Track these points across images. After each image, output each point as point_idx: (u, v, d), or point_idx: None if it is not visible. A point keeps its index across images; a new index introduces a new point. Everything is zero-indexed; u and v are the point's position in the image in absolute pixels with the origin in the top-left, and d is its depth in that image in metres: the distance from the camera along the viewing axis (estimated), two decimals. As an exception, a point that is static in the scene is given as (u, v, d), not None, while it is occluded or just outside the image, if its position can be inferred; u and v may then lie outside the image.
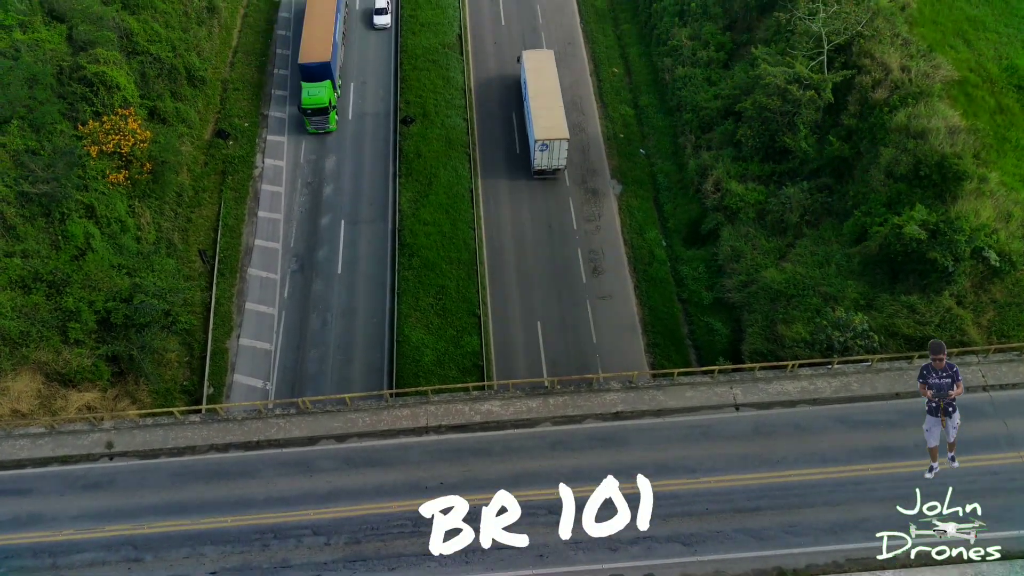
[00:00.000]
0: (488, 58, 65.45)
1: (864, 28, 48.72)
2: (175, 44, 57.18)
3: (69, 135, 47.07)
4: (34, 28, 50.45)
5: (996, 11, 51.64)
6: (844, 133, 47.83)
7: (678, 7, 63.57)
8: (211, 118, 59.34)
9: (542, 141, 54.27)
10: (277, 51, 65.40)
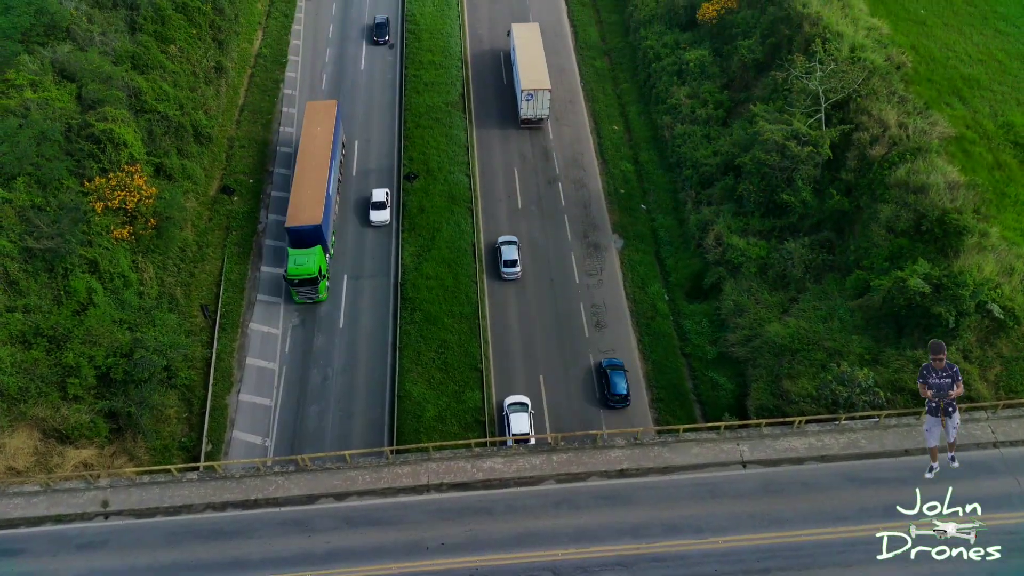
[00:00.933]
0: (491, 116, 66.41)
1: (861, 86, 49.56)
2: (183, 103, 58.14)
3: (75, 191, 47.45)
4: (45, 87, 51.32)
5: (990, 70, 52.58)
6: (843, 188, 48.26)
7: (676, 67, 64.78)
8: (216, 174, 59.97)
9: (528, 91, 61.95)
10: (283, 110, 66.45)
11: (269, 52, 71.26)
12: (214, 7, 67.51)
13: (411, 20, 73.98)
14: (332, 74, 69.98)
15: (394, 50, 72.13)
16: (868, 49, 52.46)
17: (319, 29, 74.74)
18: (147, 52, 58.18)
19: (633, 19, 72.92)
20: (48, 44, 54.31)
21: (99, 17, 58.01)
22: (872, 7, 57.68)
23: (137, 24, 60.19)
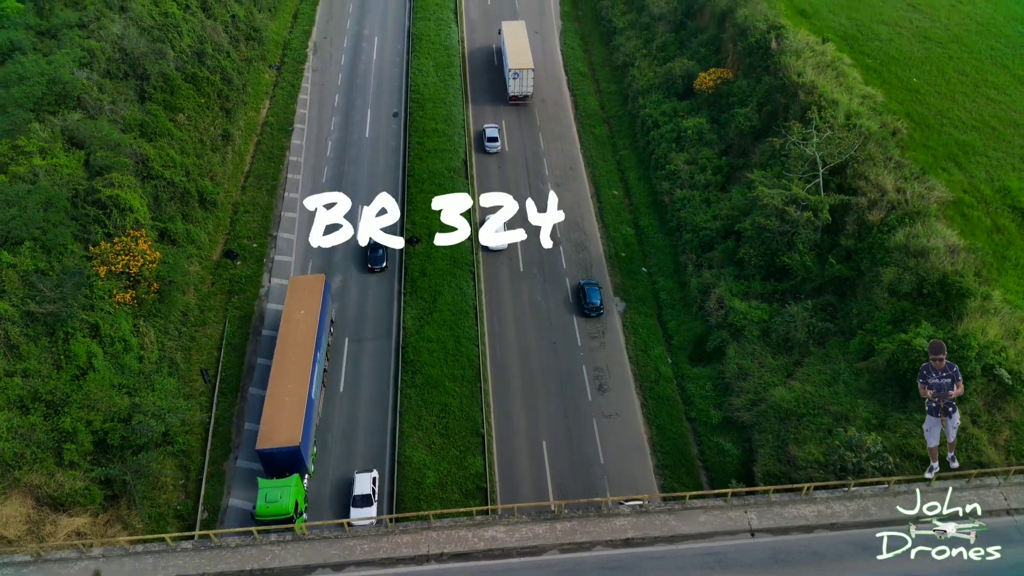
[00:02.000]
0: (493, 180, 67.27)
1: (857, 152, 50.30)
2: (189, 169, 59.03)
3: (79, 256, 47.75)
4: (54, 154, 52.19)
5: (984, 136, 53.46)
6: (844, 253, 48.47)
7: (675, 134, 65.94)
8: (220, 239, 60.43)
9: (514, 70, 72.64)
10: (288, 176, 67.37)
11: (275, 120, 72.70)
12: (223, 77, 69.25)
13: (415, 90, 75.68)
14: (337, 141, 71.23)
15: (398, 118, 73.57)
16: (863, 116, 53.45)
17: (325, 98, 76.42)
18: (156, 120, 59.37)
19: (631, 89, 74.58)
20: (59, 112, 55.45)
21: (110, 87, 59.40)
22: (865, 76, 58.97)
23: (147, 93, 61.63)
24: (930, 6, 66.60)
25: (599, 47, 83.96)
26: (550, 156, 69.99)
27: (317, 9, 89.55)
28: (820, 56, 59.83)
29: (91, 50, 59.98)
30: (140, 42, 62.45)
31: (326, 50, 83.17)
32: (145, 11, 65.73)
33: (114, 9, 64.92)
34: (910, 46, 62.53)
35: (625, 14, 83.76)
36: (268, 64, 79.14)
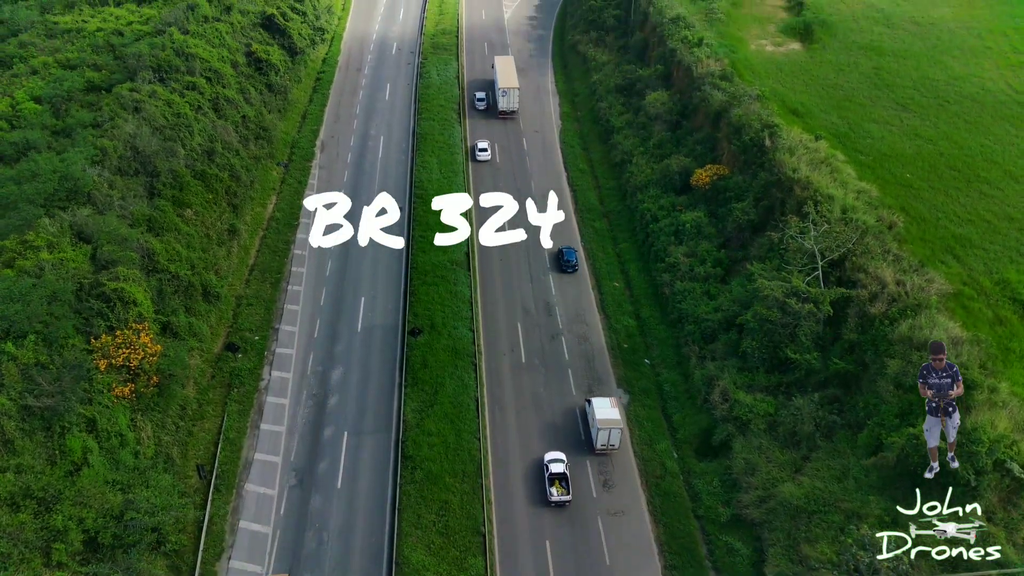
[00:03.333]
0: (494, 274, 67.87)
1: (855, 245, 50.87)
2: (194, 263, 59.67)
3: (80, 349, 47.63)
4: (61, 248, 52.87)
5: (980, 230, 54.18)
6: (847, 346, 48.32)
7: (673, 228, 66.94)
8: (222, 331, 60.46)
9: (503, 89, 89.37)
10: (292, 269, 68.03)
11: (282, 215, 74.01)
12: (231, 174, 70.97)
13: (419, 186, 77.37)
14: (341, 235, 72.19)
15: (402, 212, 74.77)
16: (859, 210, 54.34)
17: (331, 194, 77.84)
18: (163, 216, 60.45)
19: (630, 184, 76.22)
20: (69, 208, 56.49)
21: (120, 183, 60.76)
22: (859, 172, 60.31)
23: (156, 190, 62.99)
24: (919, 106, 68.81)
25: (598, 145, 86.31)
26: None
27: (325, 110, 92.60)
28: (814, 153, 61.38)
29: (104, 148, 61.69)
30: (152, 141, 64.28)
31: (333, 148, 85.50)
32: (158, 112, 67.93)
33: (128, 110, 67.13)
34: (901, 143, 64.24)
35: (622, 114, 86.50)
36: (276, 161, 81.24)
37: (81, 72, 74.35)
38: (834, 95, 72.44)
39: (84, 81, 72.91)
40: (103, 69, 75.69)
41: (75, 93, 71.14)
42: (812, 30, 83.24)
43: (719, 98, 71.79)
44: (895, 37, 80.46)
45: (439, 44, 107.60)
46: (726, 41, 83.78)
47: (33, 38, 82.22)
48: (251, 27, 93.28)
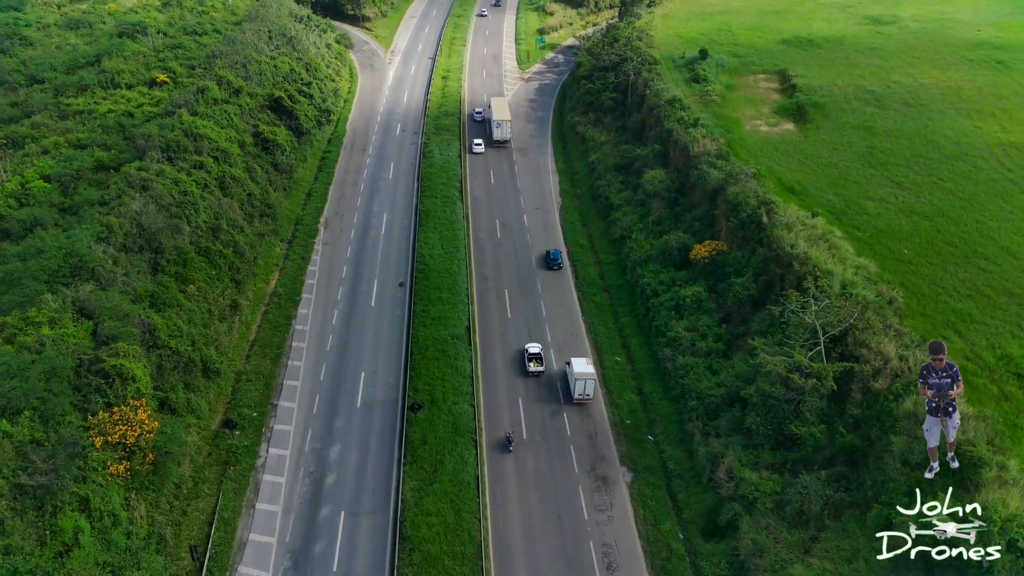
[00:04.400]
0: (495, 348, 67.71)
1: (856, 320, 50.87)
2: (195, 338, 59.62)
3: (77, 426, 47.08)
4: (62, 324, 52.91)
5: (980, 305, 54.27)
6: (852, 422, 47.73)
7: (673, 302, 67.15)
8: (220, 408, 59.90)
9: (496, 121, 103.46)
10: (293, 344, 67.96)
11: (284, 291, 74.42)
12: (235, 251, 71.71)
13: (420, 260, 78.09)
14: (343, 310, 72.48)
15: (404, 288, 75.32)
16: (859, 285, 54.58)
17: (333, 270, 78.66)
18: (166, 291, 60.76)
19: (630, 259, 76.89)
20: (72, 284, 56.84)
21: (124, 260, 61.31)
22: (857, 248, 60.84)
23: (160, 266, 63.53)
24: (914, 183, 70.01)
25: (597, 221, 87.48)
26: (552, 323, 70.92)
27: (330, 188, 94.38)
28: (811, 229, 62.09)
29: (109, 225, 62.51)
30: (158, 218, 65.20)
31: (337, 225, 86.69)
32: (165, 190, 69.16)
33: (136, 188, 68.35)
34: (898, 220, 65.05)
35: (621, 191, 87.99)
36: (280, 238, 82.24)
37: (91, 152, 76.06)
38: (829, 173, 73.82)
39: (93, 160, 74.52)
40: (113, 149, 77.46)
41: (84, 172, 72.60)
42: (805, 111, 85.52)
43: (716, 176, 73.14)
44: (887, 117, 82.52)
45: (442, 125, 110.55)
46: (721, 122, 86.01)
47: (46, 119, 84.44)
48: (259, 109, 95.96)
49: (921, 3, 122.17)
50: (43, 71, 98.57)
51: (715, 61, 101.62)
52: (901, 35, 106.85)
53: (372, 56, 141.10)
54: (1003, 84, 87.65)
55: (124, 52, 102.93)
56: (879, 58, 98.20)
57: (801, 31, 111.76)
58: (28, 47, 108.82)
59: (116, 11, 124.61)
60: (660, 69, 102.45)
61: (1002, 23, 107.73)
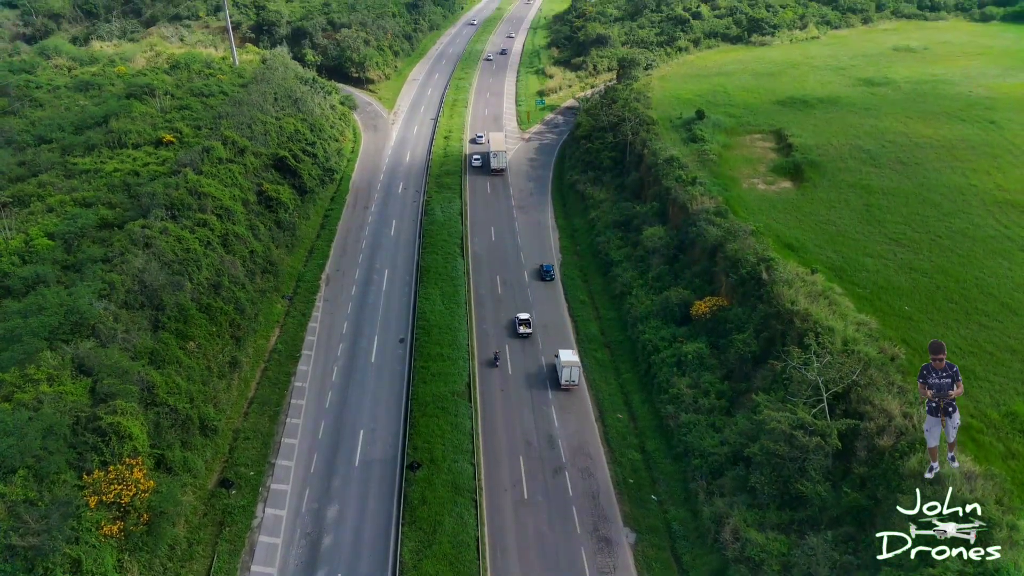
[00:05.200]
0: (495, 405, 67.19)
1: (859, 377, 50.60)
2: (194, 395, 59.24)
3: (72, 485, 46.40)
4: (61, 381, 52.63)
5: (983, 362, 54.07)
6: (858, 480, 47.03)
7: (675, 358, 66.90)
8: (217, 467, 59.13)
9: (493, 152, 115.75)
10: (292, 401, 67.45)
11: (284, 347, 74.24)
12: (236, 307, 71.81)
13: (422, 317, 78.12)
14: (343, 367, 72.17)
15: (404, 344, 75.14)
16: (860, 342, 54.48)
17: (334, 326, 78.62)
18: (166, 348, 60.62)
19: (630, 315, 76.91)
20: (72, 341, 56.74)
21: (125, 317, 61.34)
22: (858, 304, 60.97)
23: (161, 322, 63.53)
24: (912, 241, 70.51)
25: (597, 278, 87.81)
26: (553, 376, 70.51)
27: (332, 245, 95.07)
28: (811, 285, 62.32)
29: (112, 282, 62.73)
30: (160, 275, 65.50)
31: (338, 281, 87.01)
32: (168, 247, 69.64)
33: (139, 245, 68.83)
34: (898, 277, 65.32)
35: (621, 248, 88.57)
36: (281, 295, 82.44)
37: (96, 210, 76.79)
38: (827, 230, 74.44)
39: (98, 218, 75.21)
40: (117, 207, 78.23)
41: (88, 230, 73.19)
42: (802, 170, 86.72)
43: (715, 233, 73.72)
44: (883, 176, 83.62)
45: (443, 183, 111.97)
46: (719, 180, 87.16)
47: (52, 178, 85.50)
48: (263, 168, 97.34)
49: (913, 65, 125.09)
50: (51, 131, 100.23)
51: (712, 121, 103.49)
52: (894, 96, 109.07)
53: (375, 117, 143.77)
54: (996, 143, 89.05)
55: (132, 113, 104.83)
56: (873, 118, 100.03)
57: (796, 92, 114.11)
58: (38, 108, 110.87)
59: (125, 73, 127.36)
60: (658, 129, 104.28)
61: (991, 84, 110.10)
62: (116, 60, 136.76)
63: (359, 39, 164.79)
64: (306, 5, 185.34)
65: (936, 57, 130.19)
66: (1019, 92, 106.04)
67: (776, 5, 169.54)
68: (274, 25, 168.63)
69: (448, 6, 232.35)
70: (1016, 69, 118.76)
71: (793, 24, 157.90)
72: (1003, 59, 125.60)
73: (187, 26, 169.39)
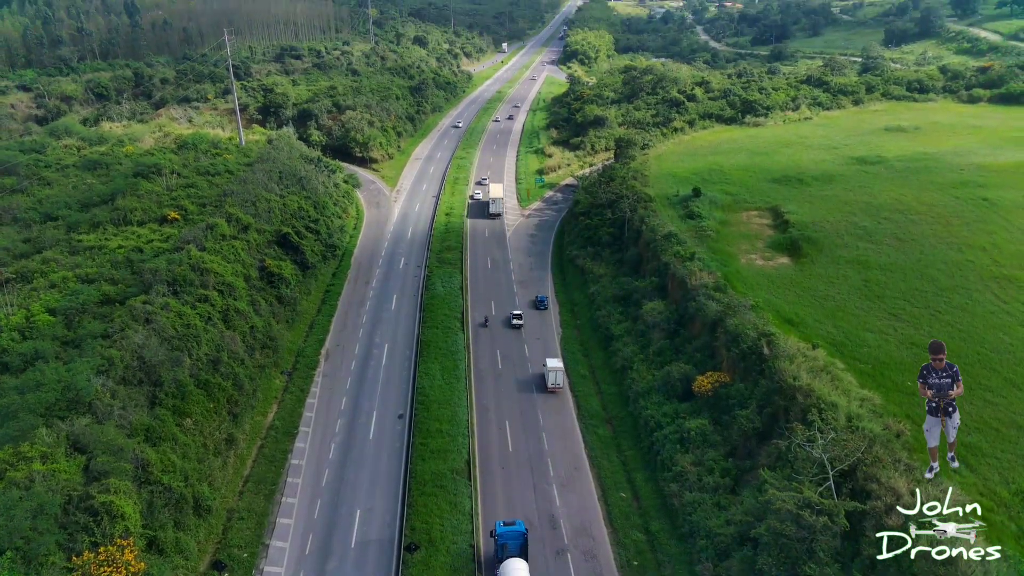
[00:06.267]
0: (496, 484, 65.92)
1: (864, 454, 49.82)
2: (188, 474, 58.23)
3: (60, 567, 45.10)
4: (54, 459, 51.79)
5: (989, 438, 53.34)
6: (868, 562, 45.64)
7: (678, 435, 66.03)
8: (210, 548, 57.59)
9: (492, 199, 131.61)
10: (288, 479, 66.25)
11: (281, 424, 73.41)
12: (235, 383, 71.35)
13: (421, 392, 77.52)
14: (341, 443, 71.19)
15: (403, 420, 74.32)
16: (864, 418, 53.86)
17: (332, 402, 77.93)
18: (162, 425, 59.97)
19: (632, 390, 76.31)
20: (68, 417, 56.15)
21: (122, 393, 60.89)
22: (860, 380, 60.56)
23: (158, 399, 63.02)
24: (911, 316, 70.60)
25: (598, 352, 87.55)
26: (554, 457, 69.37)
27: (332, 320, 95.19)
28: (813, 361, 62.02)
29: (110, 358, 62.52)
30: (159, 351, 65.34)
31: (337, 356, 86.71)
32: (169, 323, 69.71)
33: (139, 321, 68.93)
34: (899, 352, 65.11)
35: (621, 322, 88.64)
36: (280, 370, 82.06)
37: (98, 286, 77.26)
38: (826, 305, 74.63)
39: (100, 294, 75.57)
40: (120, 283, 78.73)
41: (89, 306, 73.44)
42: (799, 245, 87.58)
43: (714, 308, 73.89)
44: (880, 251, 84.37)
45: (444, 259, 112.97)
46: (717, 256, 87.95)
47: (56, 255, 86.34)
48: (266, 244, 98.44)
49: (904, 144, 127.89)
50: (58, 209, 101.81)
51: (708, 198, 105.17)
52: (887, 174, 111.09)
53: (378, 194, 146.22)
54: (990, 219, 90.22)
55: (138, 191, 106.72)
56: (868, 195, 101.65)
57: (790, 170, 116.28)
58: (46, 187, 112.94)
59: (133, 153, 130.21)
60: (655, 206, 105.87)
61: (983, 163, 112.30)
62: (125, 140, 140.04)
63: (363, 120, 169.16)
64: (312, 88, 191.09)
65: (927, 136, 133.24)
66: (1010, 169, 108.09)
67: (768, 88, 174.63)
68: (281, 107, 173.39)
69: (450, 89, 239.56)
70: (1005, 147, 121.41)
71: (786, 105, 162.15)
72: (992, 138, 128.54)
73: (196, 108, 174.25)
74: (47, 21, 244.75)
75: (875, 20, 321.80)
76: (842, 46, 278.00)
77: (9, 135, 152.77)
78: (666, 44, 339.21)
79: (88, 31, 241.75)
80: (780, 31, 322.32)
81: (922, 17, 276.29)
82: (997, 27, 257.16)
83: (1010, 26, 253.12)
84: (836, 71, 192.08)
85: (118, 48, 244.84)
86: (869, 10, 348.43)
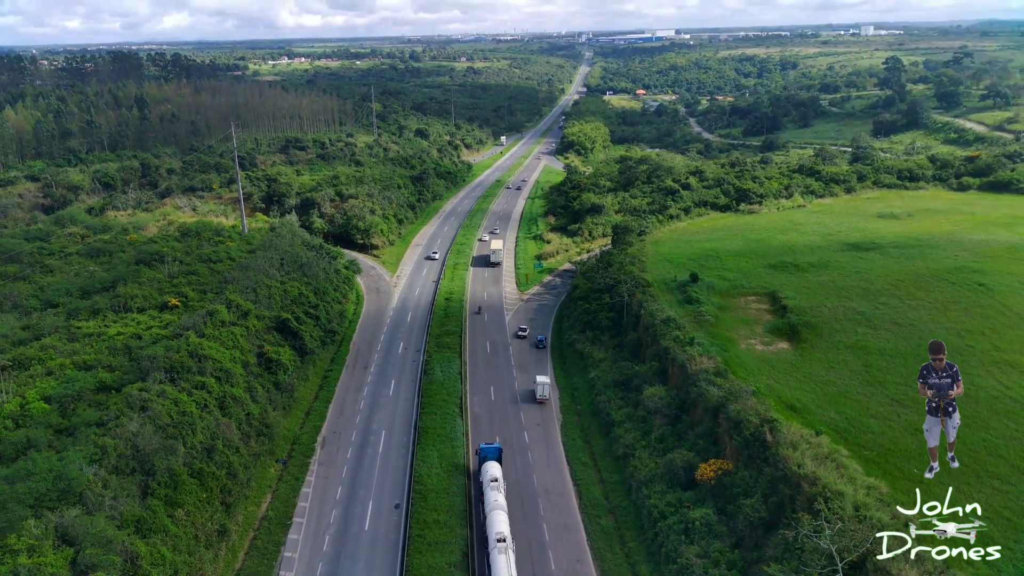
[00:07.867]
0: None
1: (873, 545, 48.42)
2: (178, 567, 56.46)
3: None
4: (41, 552, 50.30)
5: (1000, 527, 51.46)
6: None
7: (682, 525, 64.38)
8: (197, 647, 55.23)
9: (493, 251, 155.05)
10: (281, 573, 64.13)
11: (275, 515, 71.63)
12: (229, 472, 70.03)
13: (419, 480, 76.02)
14: (335, 535, 69.27)
15: (400, 510, 72.57)
16: (872, 507, 52.63)
17: (328, 491, 76.26)
18: (154, 516, 58.53)
19: (634, 479, 74.82)
20: (58, 508, 54.86)
21: (114, 482, 59.71)
22: (866, 467, 59.50)
23: (151, 489, 61.74)
24: (914, 402, 69.85)
25: (599, 438, 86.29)
26: (556, 548, 67.40)
27: (330, 406, 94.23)
28: (817, 448, 61.12)
29: (104, 447, 61.62)
30: (153, 439, 64.43)
31: (334, 444, 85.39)
32: (164, 410, 69.00)
33: (135, 408, 68.25)
34: (903, 438, 64.22)
35: (621, 408, 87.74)
36: (275, 458, 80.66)
37: (95, 373, 76.84)
38: (828, 391, 74.09)
39: (96, 381, 75.08)
40: (117, 370, 78.35)
41: (85, 393, 72.86)
42: (798, 331, 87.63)
43: (716, 394, 73.32)
44: (879, 337, 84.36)
45: (443, 343, 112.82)
46: (717, 341, 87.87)
47: (55, 342, 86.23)
48: (265, 330, 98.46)
49: (898, 229, 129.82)
50: (59, 296, 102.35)
51: (706, 284, 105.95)
52: (883, 260, 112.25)
53: (378, 280, 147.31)
54: (988, 304, 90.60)
55: (140, 278, 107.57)
56: (864, 281, 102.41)
57: (786, 256, 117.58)
58: (48, 274, 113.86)
59: (137, 240, 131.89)
60: (653, 291, 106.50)
61: (977, 249, 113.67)
62: (129, 228, 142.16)
63: (365, 208, 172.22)
64: (316, 177, 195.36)
65: (920, 222, 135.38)
66: (1004, 254, 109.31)
67: (762, 176, 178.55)
68: (284, 196, 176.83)
69: (451, 178, 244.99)
70: (998, 231, 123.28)
71: (779, 193, 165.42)
72: (984, 224, 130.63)
73: (200, 197, 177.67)
74: (59, 115, 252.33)
75: (863, 112, 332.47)
76: (832, 136, 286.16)
77: (15, 224, 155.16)
78: (660, 135, 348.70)
79: (97, 124, 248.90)
80: (771, 122, 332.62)
81: (909, 109, 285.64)
82: (982, 118, 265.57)
83: (995, 117, 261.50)
84: (827, 160, 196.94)
85: (127, 140, 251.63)
86: (856, 103, 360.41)
